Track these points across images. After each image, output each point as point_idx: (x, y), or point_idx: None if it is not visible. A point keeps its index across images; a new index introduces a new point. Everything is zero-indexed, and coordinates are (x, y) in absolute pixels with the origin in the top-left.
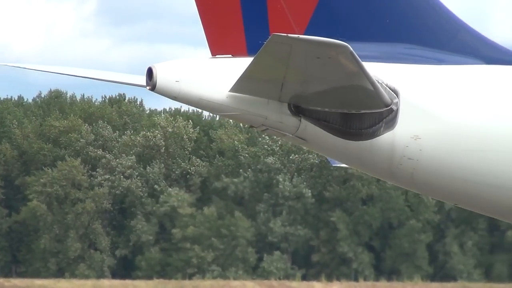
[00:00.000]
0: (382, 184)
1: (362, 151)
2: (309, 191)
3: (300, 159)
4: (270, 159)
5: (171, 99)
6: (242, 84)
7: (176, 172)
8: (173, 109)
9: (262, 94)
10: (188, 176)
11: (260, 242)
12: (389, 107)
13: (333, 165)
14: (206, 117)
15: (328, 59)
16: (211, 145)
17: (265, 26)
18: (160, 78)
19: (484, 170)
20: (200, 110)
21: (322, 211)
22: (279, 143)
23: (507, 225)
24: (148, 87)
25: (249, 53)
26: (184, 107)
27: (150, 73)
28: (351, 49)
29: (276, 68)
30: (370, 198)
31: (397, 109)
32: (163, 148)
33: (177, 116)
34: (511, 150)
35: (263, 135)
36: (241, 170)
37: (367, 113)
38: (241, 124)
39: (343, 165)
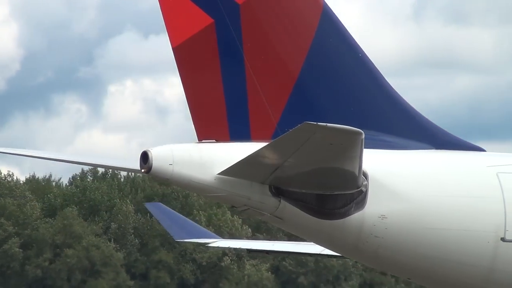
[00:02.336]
0: None
1: (334, 230)
2: None
3: None
4: None
5: (162, 181)
6: (238, 167)
7: None
8: None
9: (248, 177)
10: None
11: None
12: (359, 189)
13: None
14: None
15: (340, 145)
16: None
17: (246, 115)
18: (156, 161)
19: (444, 247)
20: None
21: None
22: None
23: None
24: (143, 170)
25: (231, 139)
26: None
27: (145, 156)
28: (363, 136)
29: (285, 152)
30: None
31: (366, 191)
32: None
33: None
34: (469, 229)
35: None
36: None
37: (340, 194)
38: None
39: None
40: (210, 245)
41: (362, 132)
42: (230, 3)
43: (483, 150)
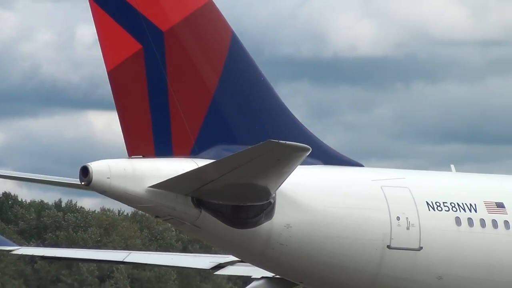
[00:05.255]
0: None
1: (245, 238)
2: None
3: None
4: None
5: (100, 193)
6: (174, 181)
7: None
8: None
9: (174, 189)
10: None
11: None
12: (268, 200)
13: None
14: None
15: (285, 161)
16: None
17: (168, 133)
18: (96, 175)
19: (339, 254)
20: None
21: None
22: None
23: None
24: (83, 183)
25: (156, 154)
26: None
27: (85, 170)
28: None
29: (231, 167)
30: None
31: (274, 202)
32: None
33: None
34: (360, 237)
35: None
36: None
37: (252, 205)
38: None
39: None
40: (13, 252)
41: (309, 147)
42: (155, 30)
43: (362, 165)
